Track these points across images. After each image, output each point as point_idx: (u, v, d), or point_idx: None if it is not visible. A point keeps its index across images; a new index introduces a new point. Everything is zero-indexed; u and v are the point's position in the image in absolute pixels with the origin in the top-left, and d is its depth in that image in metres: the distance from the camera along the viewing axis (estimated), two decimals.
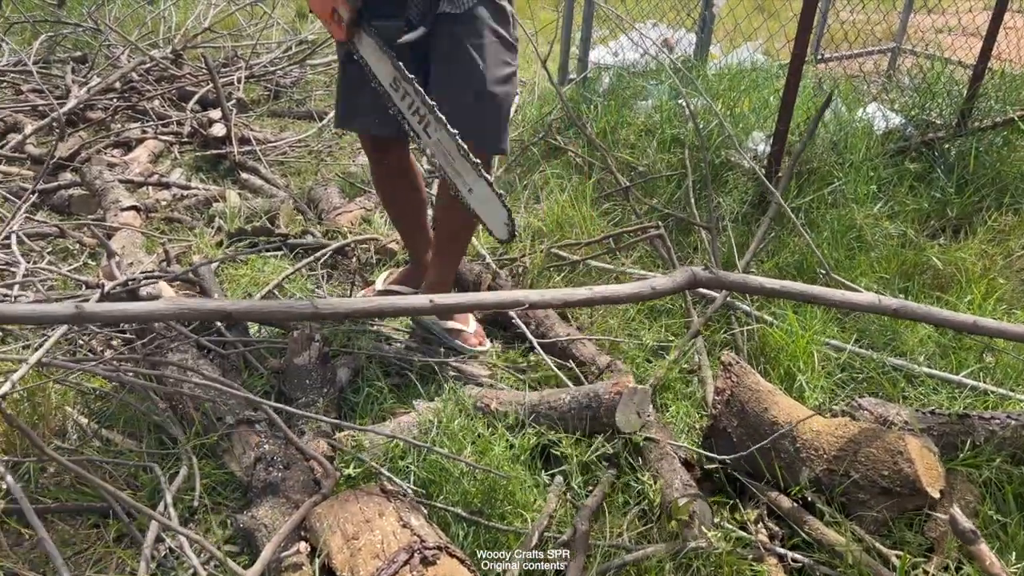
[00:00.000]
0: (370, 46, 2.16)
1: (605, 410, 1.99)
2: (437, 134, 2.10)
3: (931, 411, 2.13)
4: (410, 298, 1.36)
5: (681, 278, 1.64)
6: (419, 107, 2.12)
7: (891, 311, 1.81)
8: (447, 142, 2.09)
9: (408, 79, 2.12)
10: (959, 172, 3.56)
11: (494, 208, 2.14)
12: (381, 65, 2.15)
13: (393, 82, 2.14)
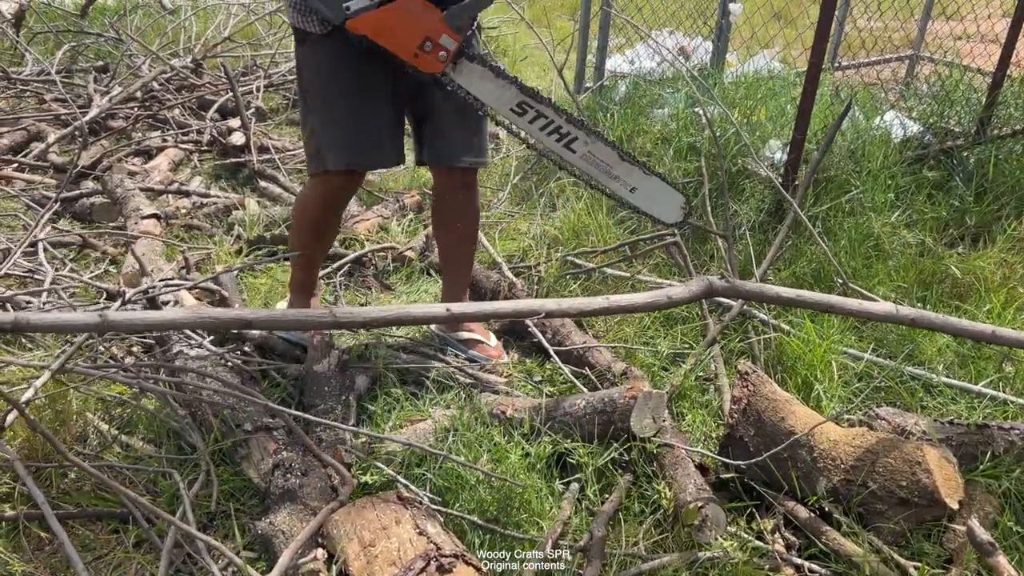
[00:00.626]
0: (477, 73, 2.02)
1: (620, 414, 1.99)
2: (588, 147, 2.08)
3: (950, 421, 2.11)
4: (428, 306, 1.37)
5: (697, 287, 1.64)
6: (560, 125, 2.07)
7: (908, 321, 1.80)
8: (603, 152, 2.09)
9: (542, 99, 2.05)
10: (978, 180, 3.54)
11: (667, 197, 2.16)
12: (500, 92, 2.03)
13: (518, 106, 2.04)
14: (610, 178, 2.13)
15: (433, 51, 1.91)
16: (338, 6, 1.85)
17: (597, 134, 2.08)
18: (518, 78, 2.03)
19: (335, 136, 2.13)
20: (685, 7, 4.81)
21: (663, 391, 2.01)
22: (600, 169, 2.11)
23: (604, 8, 4.18)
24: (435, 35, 1.90)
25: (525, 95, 2.02)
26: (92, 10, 5.77)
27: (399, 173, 3.91)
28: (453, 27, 1.90)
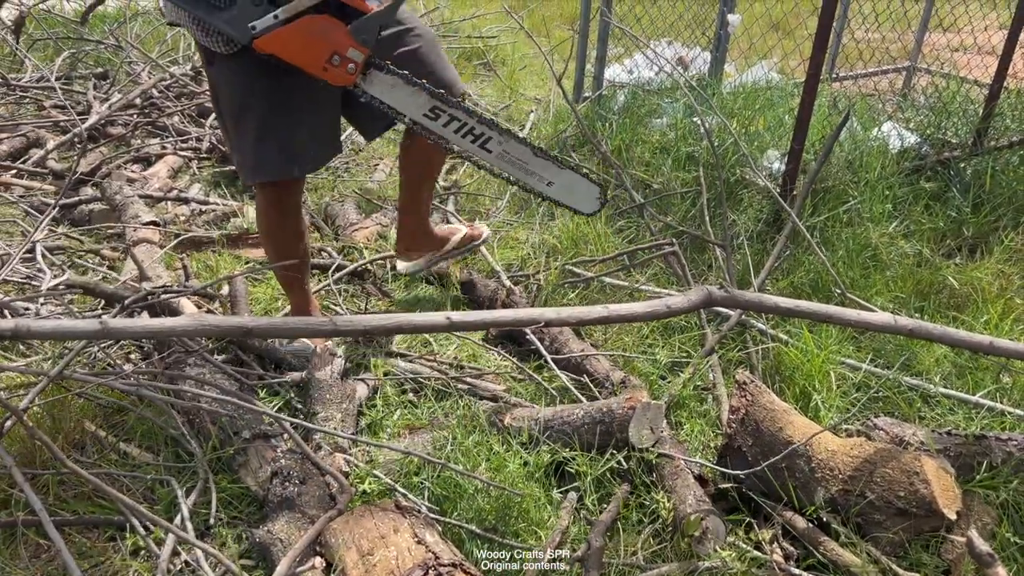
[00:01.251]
0: (387, 83, 2.06)
1: (618, 425, 2.00)
2: (502, 146, 2.14)
3: (947, 432, 2.12)
4: (428, 315, 1.38)
5: (696, 297, 1.65)
6: (472, 126, 2.13)
7: (906, 331, 1.81)
8: (517, 149, 2.15)
9: (452, 103, 2.09)
10: (975, 192, 3.55)
11: (583, 189, 2.25)
12: (411, 99, 2.08)
13: (431, 111, 2.10)
14: (527, 174, 2.20)
15: (341, 64, 1.95)
16: (243, 27, 1.87)
17: (510, 132, 2.14)
18: (426, 83, 2.08)
19: (256, 152, 2.16)
20: (684, 18, 4.83)
21: (661, 402, 2.01)
22: (516, 166, 2.18)
23: (603, 19, 4.20)
24: (342, 49, 1.93)
25: (435, 99, 2.08)
26: (92, 17, 5.78)
27: None
28: (359, 40, 1.93)
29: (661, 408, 2.00)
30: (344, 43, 1.93)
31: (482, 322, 1.40)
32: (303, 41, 1.91)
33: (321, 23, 1.91)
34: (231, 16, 1.89)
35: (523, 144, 2.16)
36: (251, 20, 1.88)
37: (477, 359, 2.64)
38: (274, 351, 2.48)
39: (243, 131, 2.16)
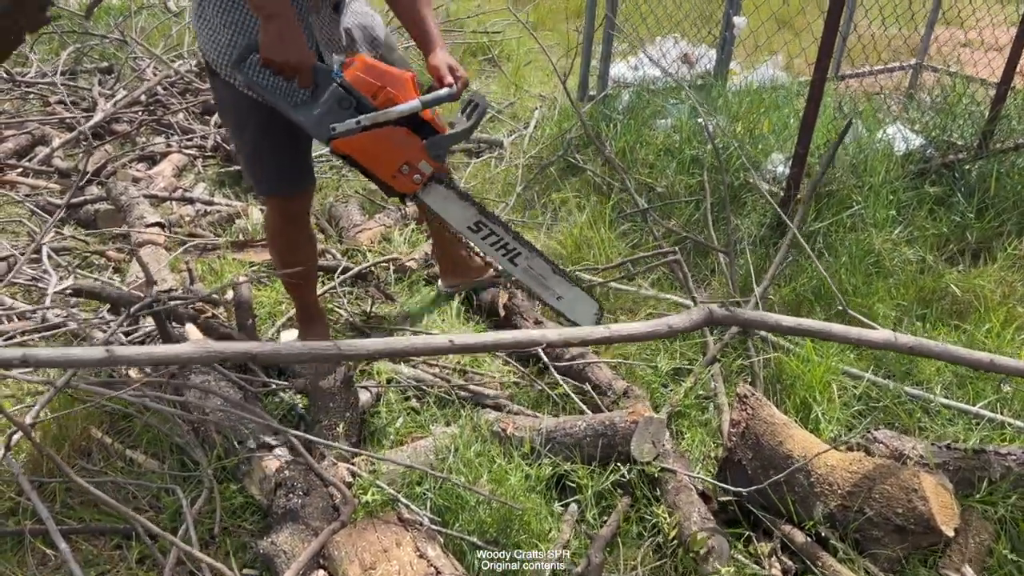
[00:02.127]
0: (443, 195, 2.23)
1: (620, 438, 2.01)
2: (527, 262, 2.35)
3: (947, 445, 2.12)
4: (430, 338, 1.39)
5: (698, 316, 1.66)
6: (508, 242, 2.32)
7: (907, 349, 1.82)
8: (540, 265, 2.37)
9: (494, 219, 2.28)
10: (980, 196, 3.55)
11: (584, 306, 2.45)
12: (461, 212, 2.25)
13: (475, 224, 2.27)
14: (543, 288, 2.41)
15: (409, 174, 2.07)
16: (324, 126, 1.96)
17: (537, 251, 2.37)
18: (478, 200, 2.27)
19: (265, 166, 2.23)
20: (690, 16, 4.81)
21: (663, 416, 2.03)
22: (536, 280, 2.39)
23: (608, 16, 4.19)
24: (415, 160, 2.05)
25: (483, 215, 2.26)
26: (97, 10, 5.77)
27: None
28: (433, 155, 2.06)
29: (663, 423, 2.01)
30: (418, 156, 2.05)
31: (483, 345, 1.41)
32: (380, 149, 2.02)
33: (400, 135, 2.02)
34: (314, 113, 1.97)
35: (546, 262, 2.37)
36: (334, 122, 1.96)
37: (480, 364, 2.65)
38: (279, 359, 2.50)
39: (242, 146, 2.25)
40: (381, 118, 1.97)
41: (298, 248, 2.41)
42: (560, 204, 3.62)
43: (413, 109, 1.98)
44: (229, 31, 2.09)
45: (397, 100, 1.98)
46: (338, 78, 1.97)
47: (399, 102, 1.98)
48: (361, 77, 1.98)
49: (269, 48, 1.89)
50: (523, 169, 4.02)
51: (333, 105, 1.96)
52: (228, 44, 2.09)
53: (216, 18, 2.10)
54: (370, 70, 1.99)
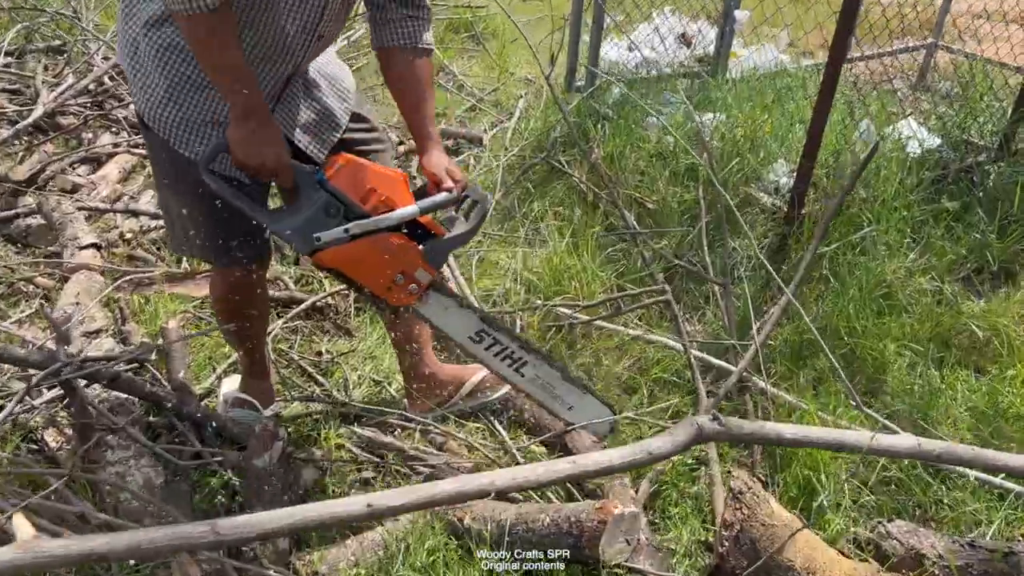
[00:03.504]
0: (442, 304, 1.94)
1: (588, 540, 1.74)
2: (535, 370, 2.05)
3: (970, 543, 1.86)
4: (343, 502, 1.10)
5: (684, 436, 1.37)
6: (513, 351, 2.02)
7: (934, 457, 1.55)
8: (549, 373, 2.05)
9: (499, 327, 2.01)
10: (1003, 210, 3.23)
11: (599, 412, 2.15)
12: (461, 321, 1.97)
13: (476, 334, 1.98)
14: (553, 399, 2.10)
15: (405, 284, 1.81)
16: (307, 237, 1.70)
17: (544, 356, 2.06)
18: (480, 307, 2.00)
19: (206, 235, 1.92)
20: None
21: (637, 510, 1.74)
22: (545, 390, 2.08)
23: (596, 2, 3.81)
24: (411, 269, 1.80)
25: (485, 323, 1.99)
26: None
27: None
28: (430, 262, 1.82)
29: (638, 516, 1.74)
30: (415, 264, 1.80)
31: (414, 504, 1.12)
32: (372, 259, 1.77)
33: (395, 243, 1.77)
34: (294, 222, 1.71)
35: (555, 368, 2.06)
36: (318, 230, 1.71)
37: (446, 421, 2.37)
38: (215, 417, 2.22)
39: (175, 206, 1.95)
40: (373, 225, 1.72)
41: (244, 317, 2.12)
42: (541, 215, 3.29)
43: (411, 215, 1.75)
44: (165, 83, 1.77)
45: (392, 204, 1.74)
46: (322, 180, 1.72)
47: (394, 206, 1.74)
48: (348, 179, 1.72)
49: (243, 148, 1.65)
50: (503, 171, 3.69)
51: (318, 212, 1.71)
52: (164, 100, 1.78)
53: (151, 64, 1.77)
54: (358, 171, 1.74)
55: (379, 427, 2.30)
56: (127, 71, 1.84)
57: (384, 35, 1.89)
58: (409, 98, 1.92)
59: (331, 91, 2.00)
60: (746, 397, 2.43)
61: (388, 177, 1.77)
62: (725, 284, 2.69)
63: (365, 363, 2.58)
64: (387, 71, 1.93)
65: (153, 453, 2.05)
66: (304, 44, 1.78)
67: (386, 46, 1.90)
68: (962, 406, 2.42)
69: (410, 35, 1.88)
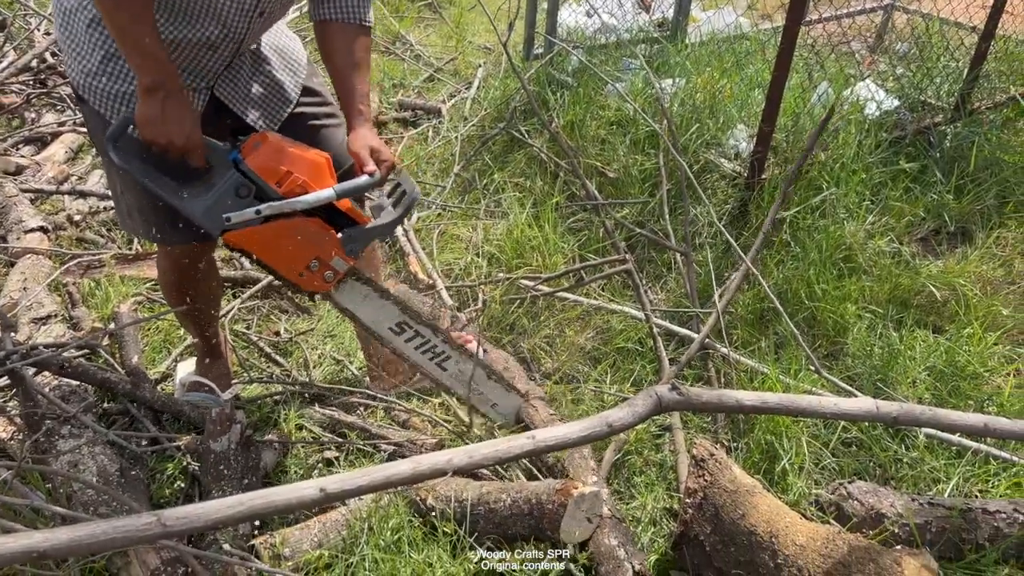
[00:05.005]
0: (360, 293, 1.86)
1: (548, 522, 1.73)
2: (458, 366, 1.99)
3: (928, 501, 1.89)
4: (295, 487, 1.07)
5: (644, 407, 1.36)
6: (435, 344, 1.96)
7: (891, 419, 1.54)
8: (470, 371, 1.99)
9: (422, 321, 1.93)
10: (958, 171, 3.25)
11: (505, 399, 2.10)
12: (380, 312, 1.89)
13: (397, 325, 1.91)
14: (475, 394, 2.05)
15: (320, 271, 1.74)
16: (216, 216, 1.63)
17: (463, 351, 2.00)
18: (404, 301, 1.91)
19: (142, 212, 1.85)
20: None
21: (598, 489, 1.73)
22: (466, 389, 2.02)
23: None
24: (326, 256, 1.73)
25: (406, 315, 1.91)
26: None
27: None
28: (348, 250, 1.74)
29: (599, 495, 1.72)
30: (331, 251, 1.73)
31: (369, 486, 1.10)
32: (285, 243, 1.69)
33: (310, 227, 1.70)
34: (203, 203, 1.63)
35: (480, 367, 2.01)
36: (227, 211, 1.63)
37: (410, 398, 2.34)
38: (172, 403, 2.17)
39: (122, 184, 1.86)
40: (287, 208, 1.65)
41: (192, 297, 2.06)
42: (502, 188, 3.26)
43: (325, 199, 1.67)
44: (99, 55, 1.70)
45: (307, 187, 1.66)
46: (236, 160, 1.64)
47: (309, 189, 1.66)
48: (264, 159, 1.65)
49: (150, 125, 1.57)
50: (462, 143, 3.64)
51: (229, 192, 1.64)
52: (97, 72, 1.71)
53: (84, 35, 1.70)
54: (276, 152, 1.66)
55: (341, 407, 2.27)
56: (61, 43, 1.76)
57: (324, 8, 1.82)
58: (343, 73, 1.84)
59: (281, 64, 1.94)
60: (708, 364, 2.43)
61: (307, 159, 1.69)
62: (686, 252, 2.68)
63: (325, 342, 2.54)
64: (323, 44, 1.86)
65: (108, 440, 1.99)
66: (245, 22, 1.72)
67: (325, 19, 1.83)
68: (921, 366, 2.44)
69: (351, 11, 1.82)
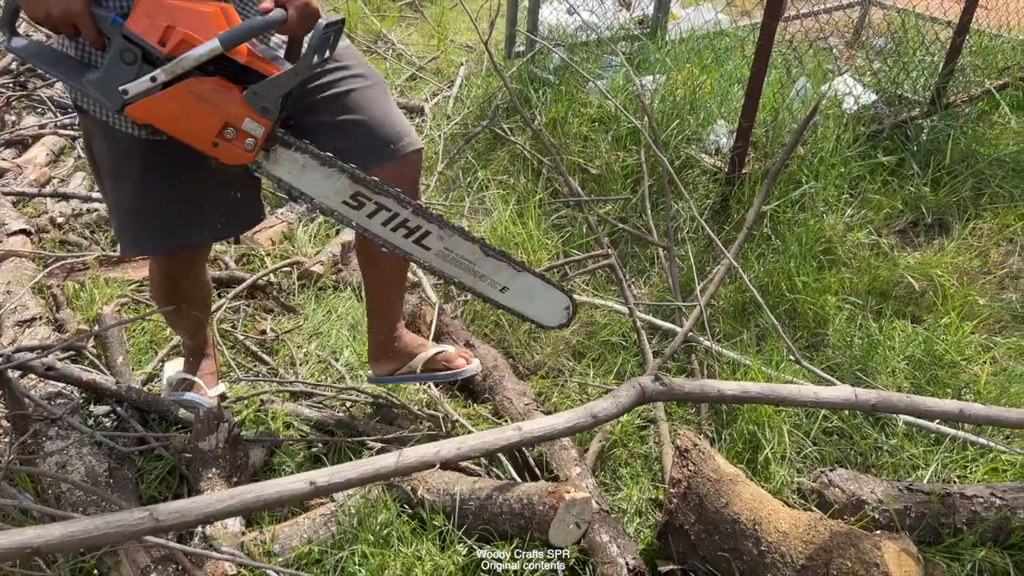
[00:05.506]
0: (296, 162, 1.62)
1: (538, 524, 1.74)
2: (443, 243, 1.72)
3: (908, 486, 1.92)
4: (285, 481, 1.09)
5: (627, 398, 1.38)
6: (406, 218, 1.68)
7: (869, 407, 1.58)
8: (462, 247, 1.73)
9: (378, 187, 1.64)
10: (935, 164, 3.30)
11: (545, 297, 1.83)
12: (327, 183, 1.63)
13: (352, 198, 1.66)
14: (476, 277, 1.78)
15: (237, 138, 1.54)
16: (112, 90, 1.47)
17: (452, 227, 1.72)
18: (351, 166, 1.63)
19: (132, 221, 1.78)
20: None
21: (587, 495, 1.75)
22: (463, 267, 1.76)
23: None
24: (236, 120, 1.53)
25: (359, 184, 1.65)
26: None
27: None
28: (258, 108, 1.52)
29: (588, 501, 1.74)
30: (239, 113, 1.52)
31: (358, 479, 1.12)
32: (188, 109, 1.50)
33: (209, 87, 1.50)
34: (97, 77, 1.47)
35: (470, 241, 1.73)
36: (122, 82, 1.47)
37: (397, 394, 2.36)
38: (158, 402, 2.18)
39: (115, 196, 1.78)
40: (178, 69, 1.46)
41: (189, 305, 2.05)
42: (486, 186, 3.28)
43: (211, 52, 1.46)
44: None
45: (195, 43, 1.46)
46: (119, 25, 1.45)
47: (196, 44, 1.46)
48: (143, 18, 1.46)
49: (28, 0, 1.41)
50: (445, 141, 3.65)
51: (116, 60, 1.46)
52: None
53: None
54: (155, 9, 1.46)
55: (329, 404, 2.29)
56: None
57: None
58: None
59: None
60: (692, 356, 2.46)
61: (191, 10, 1.48)
62: (668, 247, 2.71)
63: (311, 340, 2.55)
64: None
65: (95, 441, 2.00)
66: None
67: None
68: (900, 355, 2.48)
69: None
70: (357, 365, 2.45)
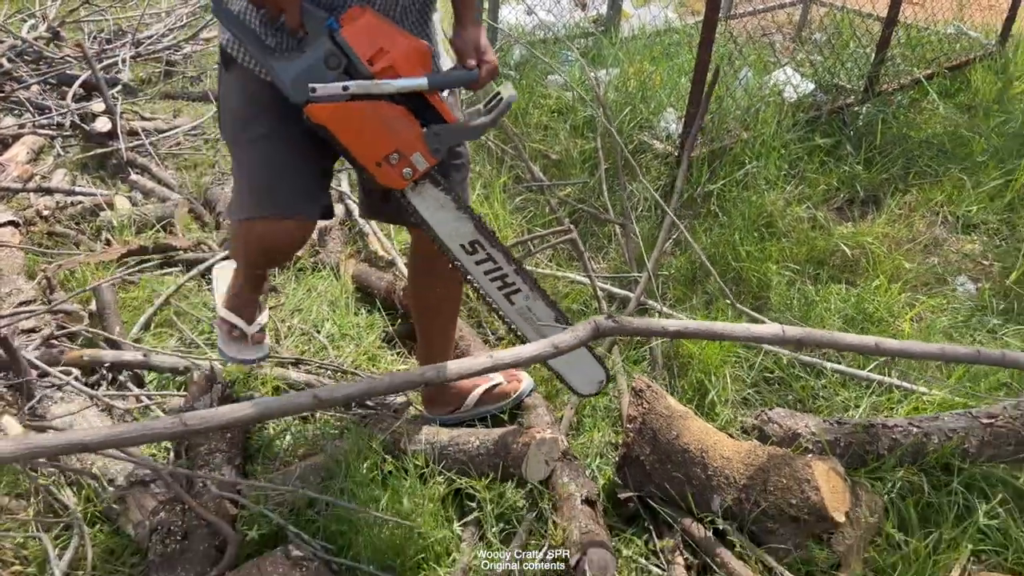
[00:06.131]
0: (437, 200, 1.75)
1: (512, 460, 1.95)
2: (526, 302, 1.92)
3: (837, 421, 2.16)
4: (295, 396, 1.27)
5: (584, 332, 1.59)
6: (507, 273, 1.88)
7: (795, 341, 1.80)
8: (541, 311, 1.93)
9: (495, 241, 1.83)
10: (867, 145, 3.58)
11: (586, 368, 2.04)
12: (455, 224, 1.79)
13: (469, 244, 1.81)
14: (537, 336, 1.96)
15: (399, 165, 1.65)
16: (302, 84, 1.55)
17: (541, 292, 1.93)
18: (479, 215, 1.82)
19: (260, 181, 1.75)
20: None
21: (557, 436, 1.96)
22: (532, 327, 1.96)
23: None
24: (408, 150, 1.64)
25: (481, 234, 1.82)
26: None
27: None
28: (431, 147, 1.66)
29: (557, 441, 1.95)
30: (413, 145, 1.64)
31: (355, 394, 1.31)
32: (369, 127, 1.61)
33: (396, 114, 1.61)
34: (292, 68, 1.56)
35: (550, 307, 1.94)
36: (315, 80, 1.56)
37: (377, 362, 2.54)
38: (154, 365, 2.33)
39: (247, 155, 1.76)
40: (375, 89, 1.57)
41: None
42: None
43: (416, 87, 1.58)
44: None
45: (400, 72, 1.57)
46: (332, 30, 1.55)
47: (402, 75, 1.58)
48: (362, 34, 1.55)
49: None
50: None
51: (319, 62, 1.55)
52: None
53: None
54: (375, 29, 1.56)
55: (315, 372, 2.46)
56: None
57: None
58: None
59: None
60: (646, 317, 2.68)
61: (407, 43, 1.58)
62: (624, 224, 2.93)
63: (293, 315, 2.72)
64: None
65: (97, 405, 2.16)
66: None
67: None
68: (836, 315, 2.73)
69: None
70: (338, 336, 2.63)
